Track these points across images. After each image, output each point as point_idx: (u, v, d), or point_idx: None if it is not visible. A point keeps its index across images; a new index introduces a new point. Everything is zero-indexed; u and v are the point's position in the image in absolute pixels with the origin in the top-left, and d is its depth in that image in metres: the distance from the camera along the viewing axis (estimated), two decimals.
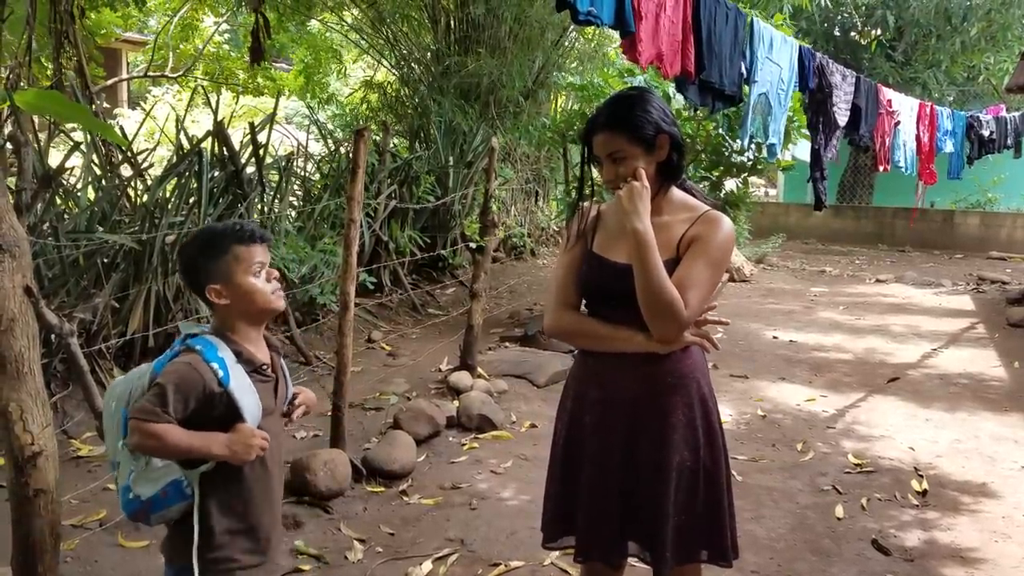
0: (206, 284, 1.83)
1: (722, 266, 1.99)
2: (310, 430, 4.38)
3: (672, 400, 2.00)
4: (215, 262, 1.83)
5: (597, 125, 2.01)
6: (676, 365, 2.01)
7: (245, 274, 1.83)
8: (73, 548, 2.93)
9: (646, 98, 2.01)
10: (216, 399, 1.76)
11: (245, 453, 1.77)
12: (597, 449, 2.05)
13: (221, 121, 5.41)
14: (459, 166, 8.05)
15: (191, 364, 1.76)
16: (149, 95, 15.13)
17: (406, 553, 3.17)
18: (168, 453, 1.75)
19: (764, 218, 14.78)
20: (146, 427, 1.69)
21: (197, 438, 1.74)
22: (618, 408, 2.02)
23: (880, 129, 7.63)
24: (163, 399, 1.71)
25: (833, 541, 3.36)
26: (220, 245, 1.83)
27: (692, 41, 4.74)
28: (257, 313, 1.88)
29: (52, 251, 4.14)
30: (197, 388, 1.74)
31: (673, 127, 2.01)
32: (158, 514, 1.81)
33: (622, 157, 1.97)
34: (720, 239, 1.96)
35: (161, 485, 1.79)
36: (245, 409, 1.79)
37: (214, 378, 1.76)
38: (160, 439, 1.70)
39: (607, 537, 2.05)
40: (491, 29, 9.02)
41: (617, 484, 2.02)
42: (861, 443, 4.54)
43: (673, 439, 1.99)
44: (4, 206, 2.05)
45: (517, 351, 6.03)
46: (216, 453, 1.76)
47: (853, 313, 8.52)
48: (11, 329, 2.10)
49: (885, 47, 15.24)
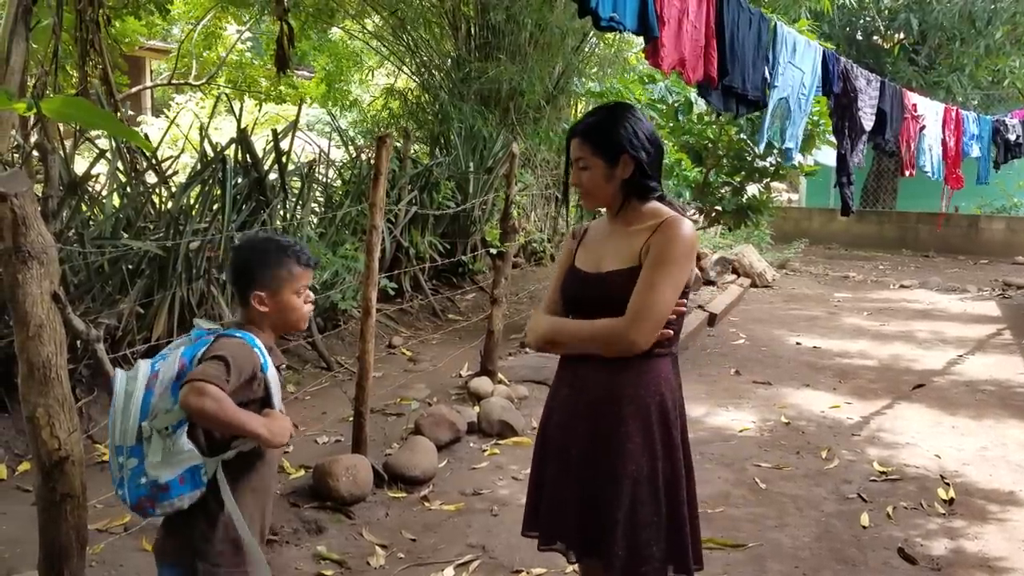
0: (253, 288, 1.93)
1: (682, 267, 2.01)
2: (332, 435, 4.39)
3: (629, 409, 2.04)
4: (270, 272, 1.94)
5: (575, 131, 2.13)
6: (639, 376, 2.05)
7: (292, 292, 1.96)
8: (98, 552, 2.95)
9: (623, 117, 2.08)
10: (258, 382, 1.88)
11: (281, 435, 1.86)
12: (561, 444, 2.14)
13: (245, 128, 5.45)
14: (479, 172, 8.05)
15: (243, 344, 1.86)
16: (172, 103, 15.28)
17: (428, 559, 3.18)
18: (219, 419, 1.77)
19: (786, 223, 14.67)
20: (210, 388, 1.74)
21: (243, 413, 1.80)
22: (581, 409, 2.10)
23: (905, 134, 7.55)
24: (226, 368, 1.78)
25: (859, 550, 3.33)
26: (280, 259, 1.95)
27: (715, 46, 4.72)
28: (285, 327, 2.02)
29: (78, 257, 4.18)
30: (250, 366, 1.84)
31: (641, 152, 2.05)
32: (166, 502, 1.82)
33: (585, 167, 2.09)
34: (675, 241, 2.00)
35: (180, 471, 1.81)
36: (275, 395, 1.90)
37: (259, 363, 1.87)
38: (220, 402, 1.75)
39: (566, 526, 2.11)
40: (511, 35, 9.03)
41: (577, 480, 2.09)
42: (886, 451, 4.49)
43: (627, 447, 2.03)
44: (33, 214, 2.07)
45: (537, 357, 6.01)
46: (257, 431, 1.82)
47: (877, 319, 8.43)
48: (39, 335, 2.12)
49: (908, 51, 15.10)
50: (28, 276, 2.08)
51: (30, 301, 2.09)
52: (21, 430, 3.86)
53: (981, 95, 15.41)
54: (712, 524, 3.46)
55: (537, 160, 9.42)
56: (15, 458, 3.82)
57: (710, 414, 5.05)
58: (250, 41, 13.75)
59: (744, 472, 4.14)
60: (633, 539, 2.02)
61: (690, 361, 6.26)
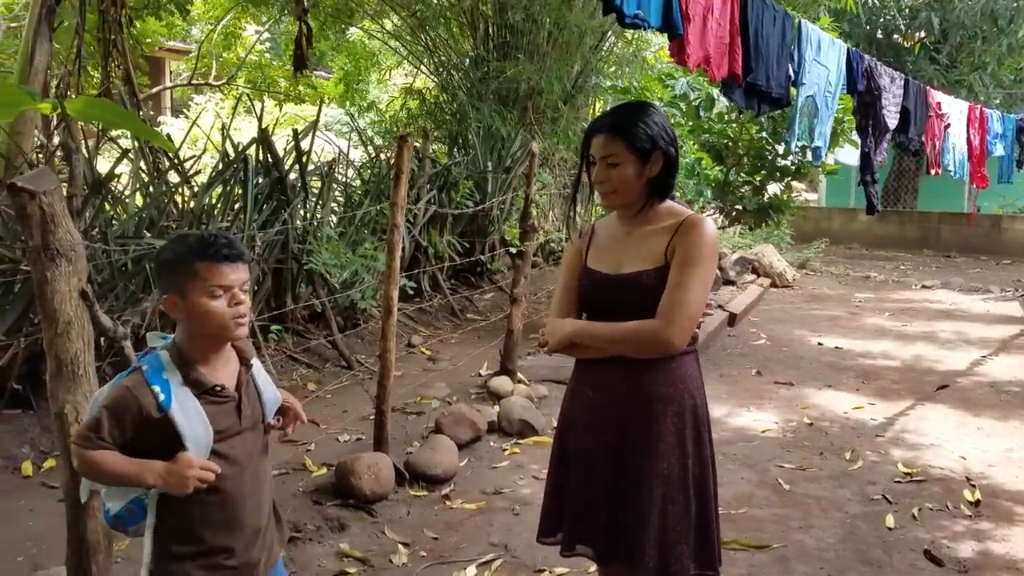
0: (163, 292, 1.74)
1: (711, 265, 2.03)
2: (353, 434, 4.40)
3: (662, 408, 2.03)
4: (174, 273, 1.72)
5: (600, 127, 2.08)
6: (668, 375, 2.04)
7: (201, 294, 1.69)
8: (124, 549, 2.97)
9: (651, 112, 2.07)
10: (157, 424, 1.67)
11: (180, 486, 1.65)
12: (585, 448, 2.11)
13: (266, 128, 5.47)
14: (497, 171, 8.05)
15: (129, 388, 1.68)
16: (192, 103, 15.38)
17: (450, 558, 3.17)
18: (105, 479, 1.70)
19: (806, 223, 14.55)
20: (81, 453, 1.66)
21: (133, 466, 1.66)
22: (609, 411, 2.07)
23: (930, 132, 7.47)
24: (98, 424, 1.66)
25: (884, 551, 3.29)
26: (183, 256, 1.71)
27: (739, 43, 4.69)
28: (210, 336, 1.75)
29: (102, 256, 4.21)
30: (132, 413, 1.66)
31: (671, 147, 2.06)
32: (132, 527, 1.78)
33: (616, 163, 2.03)
34: (701, 242, 2.00)
35: (125, 502, 1.75)
36: (188, 436, 1.68)
37: (153, 402, 1.66)
38: (94, 465, 1.66)
39: (592, 530, 2.09)
40: (530, 35, 9.01)
41: (603, 483, 2.06)
42: (911, 452, 4.45)
43: (659, 447, 2.02)
44: (61, 212, 2.08)
45: (557, 357, 5.98)
46: (150, 483, 1.67)
47: (899, 319, 8.35)
48: (67, 332, 2.13)
49: (929, 50, 14.95)
50: (56, 273, 2.09)
51: (58, 298, 2.10)
52: (46, 427, 3.90)
53: (1003, 94, 15.22)
54: (735, 525, 3.43)
55: (555, 159, 9.40)
56: (40, 455, 3.85)
57: (732, 414, 5.02)
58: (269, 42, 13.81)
59: (767, 473, 4.11)
60: (664, 539, 2.01)
61: (711, 361, 6.23)
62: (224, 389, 1.76)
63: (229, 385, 1.78)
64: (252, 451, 1.83)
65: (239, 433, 1.78)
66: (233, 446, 1.77)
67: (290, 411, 1.98)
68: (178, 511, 1.72)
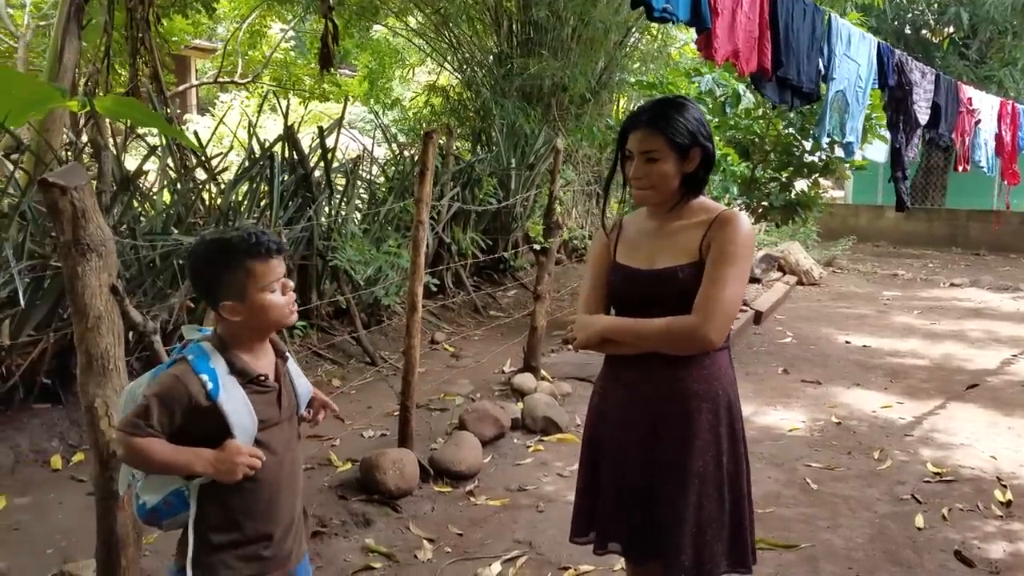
0: (219, 300, 1.72)
1: (747, 260, 2.01)
2: (378, 429, 4.41)
3: (697, 405, 2.01)
4: (228, 278, 1.71)
5: (638, 122, 2.03)
6: (702, 371, 2.02)
7: (262, 292, 1.72)
8: (152, 542, 2.99)
9: (691, 108, 2.04)
10: (205, 413, 1.68)
11: (229, 473, 1.68)
12: (617, 446, 2.09)
13: (292, 126, 5.50)
14: (521, 168, 8.04)
15: (178, 376, 1.69)
16: (218, 101, 15.50)
17: (475, 554, 3.17)
18: (152, 467, 1.70)
19: (833, 220, 14.39)
20: (128, 441, 1.65)
21: (182, 454, 1.67)
22: (642, 408, 2.04)
23: (960, 128, 7.36)
24: (147, 412, 1.65)
25: (914, 551, 3.25)
26: (234, 260, 1.71)
27: (769, 37, 4.64)
28: (267, 328, 1.79)
29: (130, 252, 4.25)
30: (182, 401, 1.67)
31: (709, 142, 2.03)
32: (168, 520, 1.78)
33: (655, 159, 2.00)
34: (738, 237, 1.98)
35: (164, 494, 1.74)
36: (236, 425, 1.70)
37: (202, 391, 1.68)
38: (142, 453, 1.65)
39: (625, 529, 2.07)
40: (554, 31, 8.99)
41: (636, 481, 2.05)
42: (940, 451, 4.38)
43: (695, 444, 2.00)
44: (92, 207, 2.10)
45: (581, 354, 5.98)
46: (199, 471, 1.68)
47: (928, 318, 8.24)
48: (97, 327, 2.15)
49: (958, 45, 14.74)
50: (87, 268, 2.10)
51: (89, 293, 2.12)
52: (75, 421, 3.94)
53: None
54: (763, 524, 3.39)
55: (579, 156, 9.38)
56: (69, 449, 3.90)
57: (758, 413, 4.97)
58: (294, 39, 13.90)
59: (795, 472, 4.06)
60: (699, 537, 1.99)
61: (737, 359, 6.10)
62: (267, 379, 1.78)
63: (270, 375, 1.80)
64: (289, 441, 1.85)
65: (278, 423, 1.81)
66: (272, 436, 1.79)
67: (316, 400, 2.00)
68: (220, 501, 1.73)
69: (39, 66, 8.09)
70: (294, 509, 1.87)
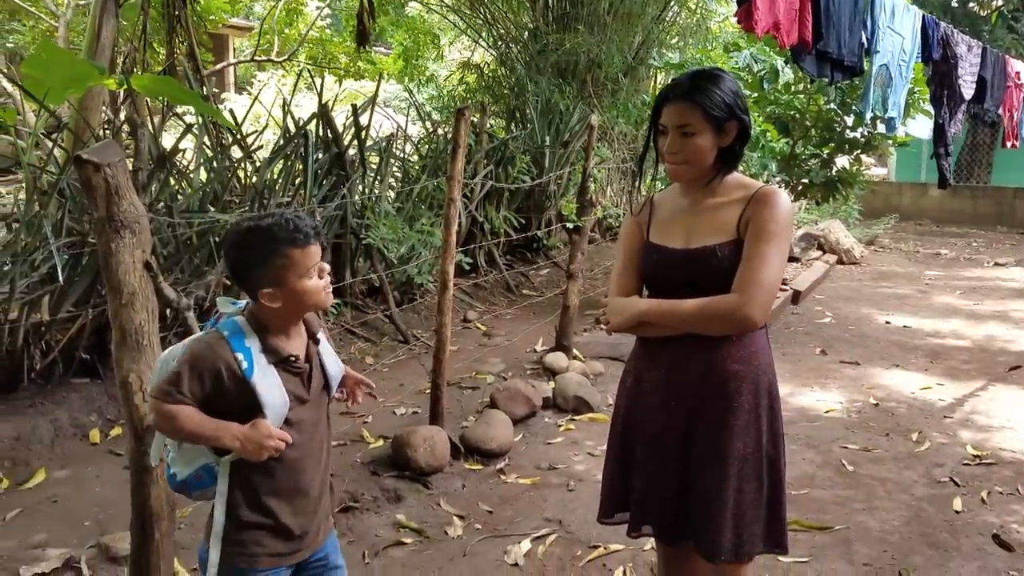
0: (258, 288, 1.71)
1: (787, 238, 1.96)
2: (409, 407, 4.43)
3: (737, 387, 1.97)
4: (267, 267, 1.70)
5: (673, 95, 1.96)
6: (741, 351, 1.97)
7: (300, 278, 1.71)
8: (186, 516, 3.05)
9: (727, 80, 1.98)
10: (235, 388, 1.69)
11: (256, 452, 1.69)
12: (655, 429, 2.05)
13: (326, 104, 5.51)
14: (555, 146, 7.97)
15: (210, 345, 1.70)
16: (255, 79, 15.59)
17: (505, 531, 3.18)
18: (181, 435, 1.71)
19: (875, 198, 14.07)
20: (160, 406, 1.67)
21: (210, 424, 1.68)
22: (680, 390, 2.00)
23: (1008, 103, 7.13)
24: (179, 379, 1.67)
25: (951, 535, 3.20)
26: (271, 248, 1.69)
27: (810, 9, 4.52)
28: (304, 311, 1.80)
29: (167, 229, 4.30)
30: (211, 371, 1.68)
31: (745, 115, 1.97)
32: (197, 492, 1.82)
33: (691, 132, 1.93)
34: (778, 214, 1.93)
35: (194, 468, 1.77)
36: (268, 404, 1.70)
37: (236, 367, 1.69)
38: (171, 419, 1.66)
39: (660, 512, 2.05)
40: (590, 5, 8.86)
41: (674, 463, 2.02)
42: (980, 434, 4.30)
43: (735, 425, 1.97)
44: (125, 184, 2.11)
45: (614, 334, 5.94)
46: (227, 444, 1.68)
47: (971, 298, 8.06)
48: (131, 303, 2.17)
49: (1007, 18, 14.26)
50: (121, 245, 2.12)
51: (123, 269, 2.14)
52: (113, 396, 4.01)
53: None
54: (797, 506, 3.36)
55: (614, 133, 9.27)
56: (107, 423, 3.98)
57: (795, 394, 4.90)
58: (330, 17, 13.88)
59: (831, 454, 4.01)
60: (739, 519, 1.97)
61: (773, 339, 6.02)
62: (297, 359, 1.78)
63: (301, 356, 1.81)
64: (317, 421, 1.86)
65: (306, 403, 1.81)
66: (301, 416, 1.79)
67: (349, 379, 2.01)
68: (249, 478, 1.75)
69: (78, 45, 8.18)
70: (321, 487, 1.88)
